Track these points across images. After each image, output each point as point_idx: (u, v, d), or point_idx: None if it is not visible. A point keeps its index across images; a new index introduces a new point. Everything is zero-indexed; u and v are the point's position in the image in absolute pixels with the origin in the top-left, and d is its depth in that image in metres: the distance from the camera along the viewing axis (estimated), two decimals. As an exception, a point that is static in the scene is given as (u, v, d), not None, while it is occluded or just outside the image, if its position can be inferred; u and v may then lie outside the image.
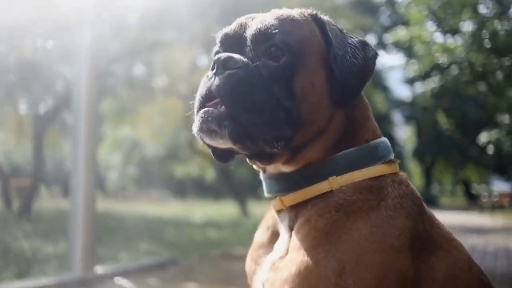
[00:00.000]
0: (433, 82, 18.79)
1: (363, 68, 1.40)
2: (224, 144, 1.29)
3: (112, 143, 23.39)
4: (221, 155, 1.41)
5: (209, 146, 1.36)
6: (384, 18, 34.14)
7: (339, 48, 1.38)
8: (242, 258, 1.58)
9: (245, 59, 1.31)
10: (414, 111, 34.08)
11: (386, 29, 29.58)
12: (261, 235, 1.53)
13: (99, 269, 5.36)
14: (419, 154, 35.18)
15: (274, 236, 1.47)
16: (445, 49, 17.65)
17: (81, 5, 5.57)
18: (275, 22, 1.35)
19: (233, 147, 1.30)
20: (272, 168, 1.44)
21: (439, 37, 18.50)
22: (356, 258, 1.24)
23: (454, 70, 16.86)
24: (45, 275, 5.19)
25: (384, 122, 33.40)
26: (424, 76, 20.52)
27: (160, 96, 14.88)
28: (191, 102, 1.37)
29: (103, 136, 20.54)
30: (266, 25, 1.34)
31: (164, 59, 14.87)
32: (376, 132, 1.48)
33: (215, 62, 1.31)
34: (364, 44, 1.45)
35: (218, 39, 1.43)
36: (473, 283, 1.38)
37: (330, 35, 1.39)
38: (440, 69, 17.83)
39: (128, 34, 12.10)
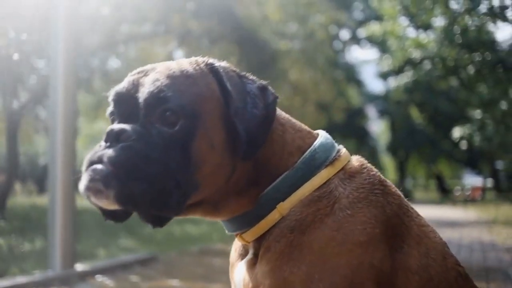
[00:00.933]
0: (406, 77, 19.04)
1: (265, 118, 1.35)
2: (110, 205, 1.24)
3: (87, 137, 23.09)
4: (112, 215, 1.34)
5: (97, 205, 1.29)
6: (358, 12, 34.35)
7: (239, 100, 1.33)
8: (222, 253, 1.59)
9: (139, 129, 1.26)
10: (388, 106, 34.43)
11: (360, 23, 29.79)
12: (233, 256, 1.55)
13: (79, 267, 5.29)
14: (392, 148, 35.59)
15: (243, 253, 1.49)
16: (418, 44, 17.89)
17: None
18: (167, 82, 1.29)
19: (119, 208, 1.25)
20: None
21: (411, 32, 18.74)
22: (321, 266, 1.26)
23: (427, 65, 17.10)
24: (23, 273, 5.09)
25: (358, 116, 33.72)
26: (398, 71, 20.79)
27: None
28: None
29: (79, 130, 20.26)
30: (158, 87, 1.28)
31: (140, 52, 14.72)
32: (305, 141, 1.46)
33: (107, 133, 1.27)
34: (263, 89, 1.41)
35: (110, 98, 1.37)
36: (449, 273, 1.39)
37: (229, 87, 1.34)
38: (413, 64, 18.08)
39: (103, 26, 11.93)
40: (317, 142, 1.45)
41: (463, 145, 19.40)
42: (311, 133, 1.50)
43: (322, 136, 1.49)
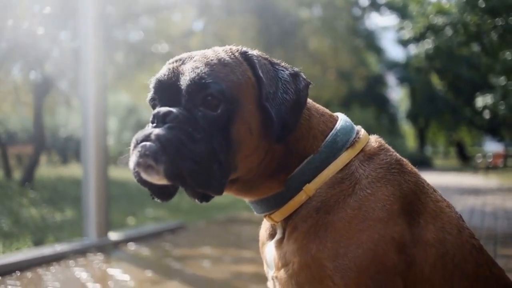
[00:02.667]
0: (427, 44, 18.77)
1: (295, 103, 1.44)
2: (160, 180, 1.31)
3: (110, 108, 23.28)
4: (160, 193, 1.43)
5: (145, 183, 1.37)
6: (378, -22, 33.64)
7: (270, 86, 1.42)
8: (249, 222, 1.70)
9: (184, 112, 1.34)
10: (408, 73, 34.00)
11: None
12: (263, 235, 1.67)
13: (113, 235, 5.46)
14: (412, 116, 35.31)
15: (272, 233, 1.61)
16: (440, 10, 17.57)
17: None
18: (207, 69, 1.37)
19: (168, 183, 1.33)
20: None
21: (433, -1, 18.40)
22: (346, 241, 1.36)
23: (448, 31, 16.83)
24: (59, 241, 5.29)
25: (378, 84, 33.40)
26: (418, 37, 20.49)
27: (156, 61, 14.77)
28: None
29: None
30: (199, 74, 1.36)
31: (160, 23, 14.71)
32: (327, 124, 1.56)
33: (154, 116, 1.34)
34: (295, 76, 1.49)
35: (151, 86, 1.44)
36: (464, 246, 1.47)
37: (261, 74, 1.42)
38: (434, 30, 17.80)
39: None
40: (338, 126, 1.55)
41: (486, 114, 19.15)
42: (333, 117, 1.59)
43: (342, 119, 1.59)
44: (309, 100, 1.56)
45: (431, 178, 1.56)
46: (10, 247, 5.03)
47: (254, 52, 1.49)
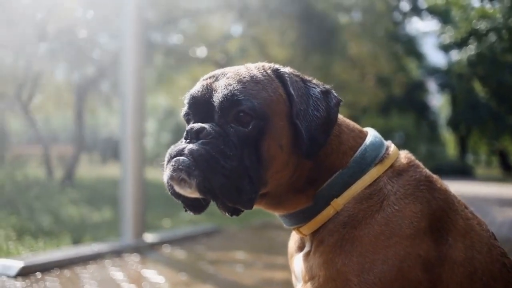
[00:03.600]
0: (470, 50, 18.37)
1: (326, 120, 1.45)
2: (192, 193, 1.36)
3: (149, 111, 23.66)
4: (192, 205, 1.47)
5: (178, 196, 1.42)
6: (419, -18, 33.13)
7: (301, 103, 1.44)
8: (283, 228, 1.71)
9: (217, 128, 1.38)
10: (449, 79, 33.34)
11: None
12: (292, 247, 1.69)
13: (148, 237, 5.53)
14: (453, 123, 34.56)
15: (301, 245, 1.63)
16: (483, 15, 17.17)
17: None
18: (239, 87, 1.40)
19: (200, 197, 1.37)
20: None
21: (476, 2, 18.00)
22: (371, 257, 1.36)
23: (492, 37, 16.45)
24: (96, 241, 5.39)
25: (418, 90, 32.90)
26: (461, 43, 20.08)
27: (195, 64, 14.93)
28: None
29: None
30: (231, 91, 1.39)
31: (199, 27, 14.86)
32: (356, 140, 1.57)
33: (187, 132, 1.39)
34: (327, 93, 1.51)
35: (186, 101, 1.49)
36: (493, 265, 1.45)
37: (292, 91, 1.44)
38: (477, 36, 17.41)
39: (163, 1, 12.10)
40: (367, 141, 1.56)
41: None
42: (362, 132, 1.61)
43: (371, 135, 1.60)
44: (340, 116, 1.58)
45: (471, 188, 1.53)
46: (50, 244, 5.15)
47: (286, 69, 1.52)
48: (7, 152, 16.58)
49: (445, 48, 30.36)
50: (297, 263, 1.57)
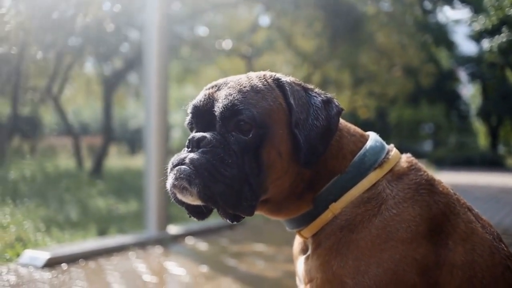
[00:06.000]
0: (501, 38, 17.96)
1: (326, 129, 1.47)
2: (194, 201, 1.40)
3: (176, 101, 23.90)
4: (195, 212, 1.52)
5: (181, 204, 1.47)
6: (451, -30, 32.45)
7: (301, 112, 1.46)
8: None
9: (217, 136, 1.41)
10: (480, 68, 32.68)
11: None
12: (296, 249, 1.73)
13: (172, 229, 5.62)
14: (484, 113, 33.92)
15: (304, 248, 1.66)
16: (517, 2, 16.75)
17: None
18: (239, 96, 1.43)
19: (202, 204, 1.41)
20: None
21: (510, -10, 17.59)
22: (367, 260, 1.38)
23: (526, 25, 16.04)
24: (121, 233, 5.50)
25: (448, 80, 32.34)
26: (492, 30, 19.64)
27: (222, 56, 14.98)
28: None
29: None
30: (231, 101, 1.42)
31: (226, 19, 14.88)
32: (357, 144, 1.58)
33: (189, 141, 1.43)
34: (328, 102, 1.52)
35: (189, 111, 1.53)
36: (495, 268, 1.45)
37: (291, 101, 1.46)
38: (509, 23, 17.00)
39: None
40: (367, 145, 1.58)
41: None
42: (364, 136, 1.62)
43: (372, 139, 1.61)
44: (342, 121, 1.60)
45: (501, 179, 1.53)
46: (76, 236, 5.28)
47: (287, 78, 1.54)
48: (39, 143, 16.95)
49: (477, 37, 29.74)
50: (300, 266, 1.60)
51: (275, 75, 1.55)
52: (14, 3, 9.07)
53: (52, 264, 4.17)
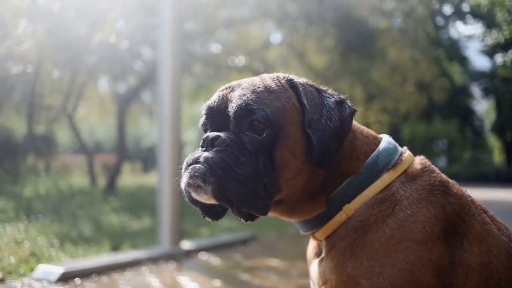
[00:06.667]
0: (514, 52, 17.87)
1: (339, 130, 1.47)
2: (209, 200, 1.40)
3: (188, 118, 24.00)
4: (209, 212, 1.51)
5: (195, 203, 1.46)
6: (461, -15, 32.50)
7: (314, 113, 1.46)
8: None
9: (232, 136, 1.42)
10: (494, 83, 32.52)
11: (464, -3, 28.30)
12: (310, 253, 1.73)
13: (185, 244, 5.60)
14: (499, 128, 33.63)
15: (318, 251, 1.65)
16: (529, 16, 16.69)
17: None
18: (253, 96, 1.44)
19: (216, 203, 1.40)
20: None
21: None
22: (381, 260, 1.37)
23: (539, 39, 15.95)
24: (134, 248, 5.49)
25: (462, 95, 32.20)
26: (505, 45, 19.58)
27: (234, 73, 15.07)
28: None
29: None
30: (245, 101, 1.43)
31: (238, 36, 14.99)
32: (370, 146, 1.58)
33: (203, 140, 1.44)
34: (341, 103, 1.53)
35: (203, 112, 1.55)
36: None
37: (304, 101, 1.47)
38: (523, 38, 16.93)
39: (203, 12, 12.28)
40: (380, 147, 1.57)
41: None
42: (377, 139, 1.62)
43: (385, 141, 1.61)
44: (355, 123, 1.60)
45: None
46: (90, 251, 5.28)
47: (300, 80, 1.56)
48: (53, 161, 17.09)
49: (489, 52, 29.65)
50: (314, 269, 1.59)
51: (288, 76, 1.56)
52: (30, 23, 9.22)
53: (65, 278, 4.17)
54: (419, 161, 1.59)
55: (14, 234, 5.57)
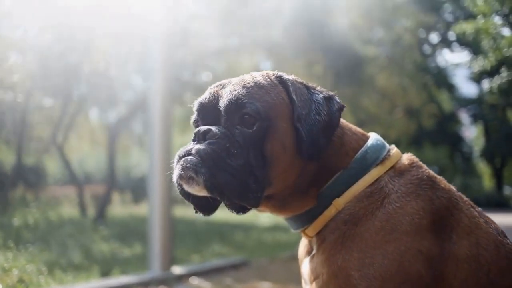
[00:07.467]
0: (501, 78, 18.16)
1: (327, 124, 1.51)
2: (200, 191, 1.41)
3: (179, 148, 23.89)
4: (201, 206, 1.52)
5: (187, 196, 1.47)
6: (447, 14, 33.16)
7: (303, 108, 1.50)
8: None
9: (222, 130, 1.44)
10: (482, 110, 32.89)
11: (449, 25, 28.80)
12: (301, 252, 1.73)
13: (176, 269, 5.54)
14: (488, 154, 33.85)
15: (310, 249, 1.65)
16: (514, 42, 16.97)
17: (150, 17, 5.77)
18: (243, 91, 1.47)
19: (208, 195, 1.41)
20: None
21: (506, 32, 17.86)
22: (372, 251, 1.39)
23: (525, 64, 16.22)
24: (125, 274, 5.42)
25: (450, 122, 32.46)
26: (491, 71, 19.89)
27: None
28: None
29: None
30: (236, 95, 1.46)
31: (228, 64, 15.13)
32: (358, 142, 1.61)
33: (195, 134, 1.46)
34: (329, 99, 1.57)
35: (194, 108, 1.57)
36: (501, 262, 1.45)
37: (293, 96, 1.51)
38: (508, 64, 17.22)
39: (193, 41, 12.41)
40: (368, 143, 1.60)
41: None
42: (365, 135, 1.66)
43: (373, 138, 1.64)
44: (343, 120, 1.64)
45: (508, 219, 1.57)
46: (79, 277, 5.21)
47: (289, 76, 1.59)
48: (43, 193, 16.91)
49: (477, 78, 30.06)
50: (305, 266, 1.59)
51: (277, 73, 1.59)
52: (20, 53, 9.26)
53: (54, 304, 4.10)
54: (407, 157, 1.62)
55: (2, 262, 5.49)
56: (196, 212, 1.54)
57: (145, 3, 6.42)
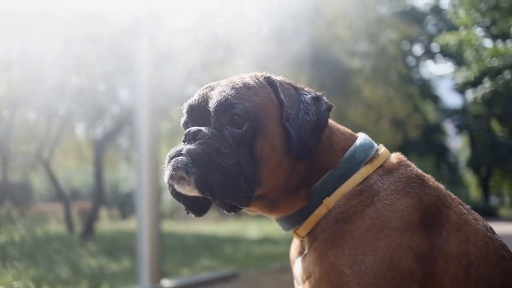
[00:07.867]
0: (484, 88, 18.40)
1: (316, 124, 1.53)
2: (191, 191, 1.41)
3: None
4: (193, 206, 1.52)
5: (179, 197, 1.47)
6: (430, 26, 33.60)
7: (291, 108, 1.52)
8: None
9: (213, 130, 1.46)
10: (466, 120, 33.25)
11: (433, 37, 29.16)
12: (293, 253, 1.71)
13: (165, 283, 5.50)
14: (473, 164, 34.14)
15: (301, 250, 1.64)
16: (496, 53, 17.26)
17: (136, 30, 5.78)
18: (232, 92, 1.49)
19: (199, 195, 1.42)
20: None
21: (488, 43, 18.12)
22: (363, 248, 1.40)
23: (507, 75, 16.47)
24: (114, 289, 5.38)
25: (436, 133, 32.73)
26: (475, 82, 20.14)
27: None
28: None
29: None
30: (225, 96, 1.48)
31: (213, 78, 15.14)
32: (347, 142, 1.63)
33: (185, 135, 1.47)
34: (317, 99, 1.59)
35: (184, 110, 1.58)
36: (490, 257, 1.46)
37: (282, 96, 1.52)
38: (491, 74, 17.46)
39: (179, 55, 12.43)
40: (357, 143, 1.62)
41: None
42: (353, 135, 1.67)
43: (362, 138, 1.66)
44: (332, 121, 1.65)
45: (496, 228, 1.59)
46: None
47: (278, 77, 1.61)
48: (29, 210, 16.73)
49: (461, 89, 30.39)
50: (297, 267, 1.59)
51: (266, 74, 1.60)
52: (5, 67, 9.21)
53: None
54: (395, 156, 1.64)
55: (-12, 279, 5.41)
56: (187, 213, 1.54)
57: (131, 17, 6.43)
